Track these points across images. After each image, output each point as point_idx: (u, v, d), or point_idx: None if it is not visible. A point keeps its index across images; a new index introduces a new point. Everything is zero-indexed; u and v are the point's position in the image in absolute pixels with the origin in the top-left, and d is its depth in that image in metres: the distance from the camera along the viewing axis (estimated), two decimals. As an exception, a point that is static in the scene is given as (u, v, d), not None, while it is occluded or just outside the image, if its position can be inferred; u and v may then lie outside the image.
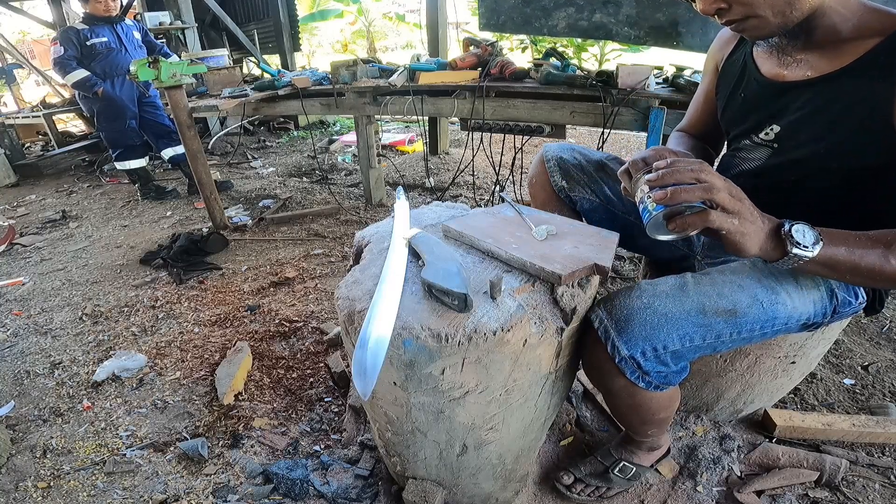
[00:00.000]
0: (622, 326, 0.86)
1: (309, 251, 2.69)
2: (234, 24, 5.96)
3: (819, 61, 0.87)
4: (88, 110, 3.60)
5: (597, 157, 1.25)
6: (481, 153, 2.99)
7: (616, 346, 0.86)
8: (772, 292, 0.90)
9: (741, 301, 0.89)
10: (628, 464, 1.18)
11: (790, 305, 0.91)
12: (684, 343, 0.87)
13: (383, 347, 0.78)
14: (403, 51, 13.61)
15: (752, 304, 0.89)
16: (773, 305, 0.89)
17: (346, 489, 1.21)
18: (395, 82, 2.67)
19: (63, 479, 1.35)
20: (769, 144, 0.98)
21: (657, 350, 0.86)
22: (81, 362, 1.86)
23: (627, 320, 0.86)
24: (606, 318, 0.88)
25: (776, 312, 0.90)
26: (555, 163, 1.24)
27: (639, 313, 0.87)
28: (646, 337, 0.86)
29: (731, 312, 0.88)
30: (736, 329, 0.89)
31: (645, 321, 0.86)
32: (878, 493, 1.21)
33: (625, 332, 0.86)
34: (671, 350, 0.87)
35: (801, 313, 0.93)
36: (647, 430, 1.12)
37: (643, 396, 0.94)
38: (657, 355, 0.87)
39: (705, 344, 0.89)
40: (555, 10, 2.62)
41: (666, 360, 0.88)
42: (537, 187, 1.29)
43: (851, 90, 0.83)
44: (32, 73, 8.62)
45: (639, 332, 0.86)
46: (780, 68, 0.94)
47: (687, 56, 2.49)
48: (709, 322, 0.88)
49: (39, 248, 3.03)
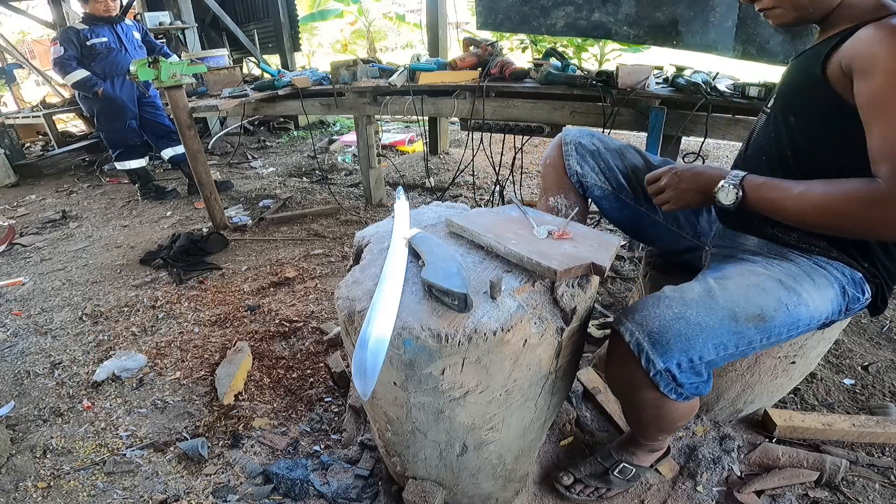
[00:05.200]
0: (656, 339, 0.84)
1: (309, 251, 2.69)
2: (234, 24, 5.96)
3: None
4: (88, 110, 3.60)
5: (615, 146, 1.26)
6: (481, 153, 2.99)
7: (651, 360, 0.84)
8: (794, 294, 0.90)
9: (768, 305, 0.88)
10: (628, 465, 1.17)
11: (811, 306, 0.91)
12: (719, 352, 0.86)
13: (383, 347, 0.78)
14: (403, 51, 13.59)
15: (778, 308, 0.88)
16: (796, 307, 0.89)
17: (346, 489, 1.21)
18: (395, 82, 2.67)
19: (63, 479, 1.35)
20: (766, 112, 1.07)
21: (693, 361, 0.84)
22: (81, 362, 1.86)
23: (661, 332, 0.84)
24: (638, 331, 0.85)
25: (800, 314, 0.90)
26: (573, 147, 1.24)
27: (672, 324, 0.84)
28: (682, 349, 0.83)
29: (760, 318, 0.87)
30: (766, 334, 0.88)
31: (679, 332, 0.84)
32: (878, 493, 1.21)
33: (659, 345, 0.83)
34: (706, 360, 0.85)
35: (821, 312, 0.93)
36: (662, 436, 1.12)
37: (670, 407, 0.92)
38: (693, 366, 0.85)
39: (738, 351, 0.88)
40: (553, 8, 2.60)
41: (700, 371, 0.86)
42: (550, 168, 1.28)
43: (804, 57, 0.98)
44: (32, 73, 8.62)
45: (674, 343, 0.83)
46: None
47: (687, 56, 2.48)
48: (741, 329, 0.86)
49: (39, 248, 3.03)
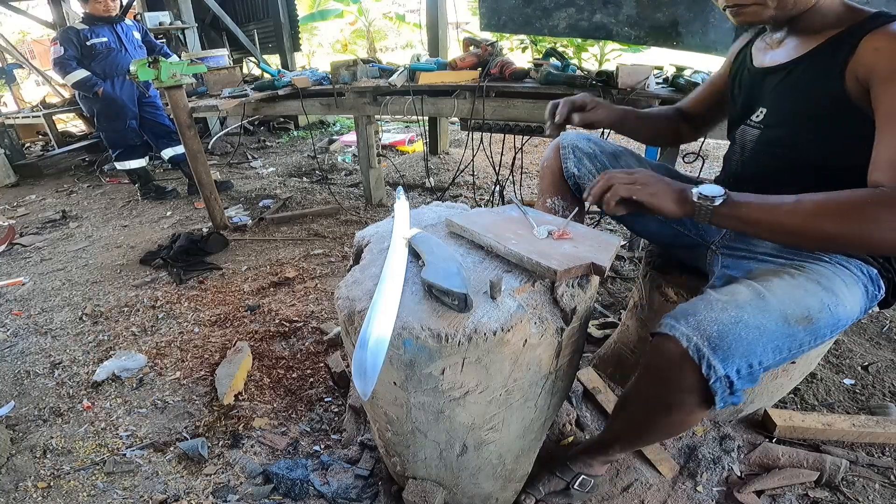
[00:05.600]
0: (717, 343, 0.80)
1: (309, 251, 2.69)
2: (234, 24, 5.96)
3: (793, 50, 1.00)
4: (88, 110, 3.60)
5: (611, 149, 1.29)
6: (481, 153, 2.99)
7: (713, 366, 0.79)
8: (832, 294, 0.89)
9: (813, 307, 0.87)
10: (587, 476, 1.17)
11: (848, 306, 0.91)
12: (776, 356, 0.83)
13: (383, 347, 0.78)
14: (403, 51, 13.59)
15: (822, 309, 0.87)
16: (836, 308, 0.89)
17: (346, 489, 1.21)
18: (395, 82, 2.67)
19: (63, 479, 1.35)
20: (758, 126, 1.07)
21: (752, 366, 0.81)
22: (81, 362, 1.86)
23: (722, 337, 0.80)
24: (696, 336, 0.81)
25: (839, 314, 0.89)
26: (570, 150, 1.27)
27: (732, 329, 0.81)
28: (743, 353, 0.80)
29: (808, 319, 0.86)
30: (813, 336, 0.86)
31: (740, 336, 0.80)
32: (878, 493, 1.21)
33: (721, 350, 0.79)
34: (765, 365, 0.83)
35: (853, 311, 0.92)
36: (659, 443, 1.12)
37: (698, 415, 0.89)
38: (751, 372, 0.81)
39: (790, 354, 0.85)
40: (555, 10, 2.62)
41: (758, 376, 0.83)
42: (547, 171, 1.32)
43: (811, 68, 0.95)
44: (32, 73, 8.62)
45: (736, 348, 0.80)
46: (765, 56, 1.07)
47: (687, 56, 2.49)
48: (792, 331, 0.84)
49: (39, 248, 3.04)
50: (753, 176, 1.08)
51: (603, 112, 1.22)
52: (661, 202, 0.87)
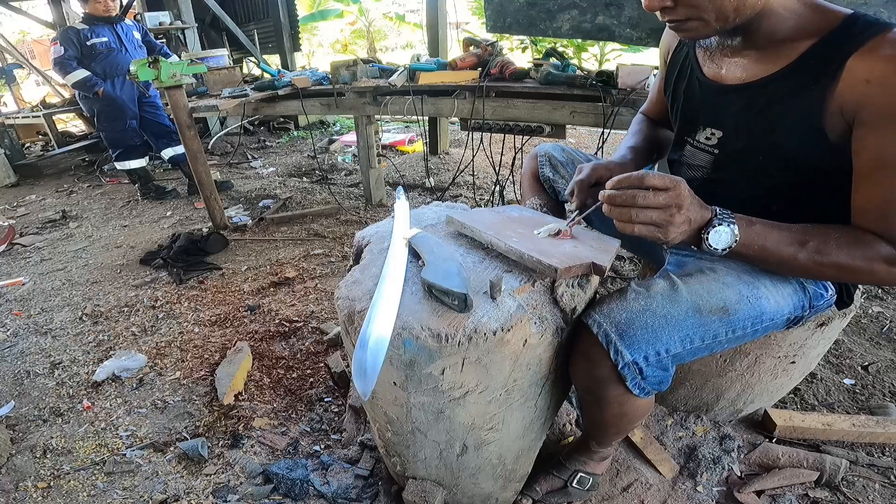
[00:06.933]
0: (624, 330, 0.84)
1: (309, 251, 2.69)
2: (234, 24, 5.96)
3: (756, 64, 0.88)
4: (88, 110, 3.60)
5: (584, 159, 1.38)
6: (481, 153, 2.99)
7: (619, 352, 0.84)
8: (752, 287, 0.91)
9: (729, 298, 0.90)
10: (584, 474, 1.17)
11: (772, 300, 0.92)
12: (685, 345, 0.87)
13: (383, 347, 0.78)
14: (403, 51, 13.59)
15: (740, 301, 0.90)
16: (757, 300, 0.91)
17: (346, 489, 1.21)
18: (395, 82, 2.67)
19: (63, 479, 1.35)
20: (710, 150, 1.00)
21: (660, 354, 0.85)
22: (81, 362, 1.86)
23: (629, 324, 0.85)
24: (606, 323, 0.86)
25: (762, 307, 0.91)
26: (546, 158, 1.38)
27: (639, 316, 0.86)
28: (649, 340, 0.84)
29: (724, 310, 0.89)
30: (730, 327, 0.89)
31: (647, 324, 0.85)
32: (878, 493, 1.21)
33: (627, 336, 0.84)
34: (673, 353, 0.86)
35: (783, 307, 0.94)
36: (616, 439, 1.12)
37: (633, 404, 0.93)
38: (659, 359, 0.86)
39: (704, 345, 0.89)
40: (559, 12, 2.64)
41: (667, 365, 0.87)
42: (526, 175, 1.43)
43: (786, 94, 0.84)
44: (32, 73, 8.62)
45: (641, 335, 0.84)
46: (719, 69, 0.95)
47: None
48: (705, 322, 0.88)
49: (39, 248, 3.03)
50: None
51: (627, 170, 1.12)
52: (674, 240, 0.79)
